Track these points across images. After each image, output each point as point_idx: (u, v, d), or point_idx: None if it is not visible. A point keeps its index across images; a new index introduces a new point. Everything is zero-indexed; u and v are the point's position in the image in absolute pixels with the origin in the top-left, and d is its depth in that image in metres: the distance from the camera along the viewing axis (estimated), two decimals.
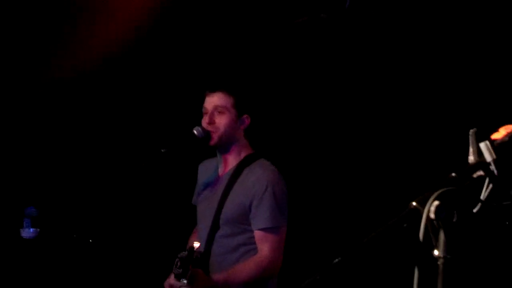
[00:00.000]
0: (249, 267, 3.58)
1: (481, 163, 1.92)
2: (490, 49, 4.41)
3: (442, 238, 1.84)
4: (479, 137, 1.94)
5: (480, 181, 1.92)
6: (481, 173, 1.92)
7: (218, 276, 3.56)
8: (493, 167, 1.91)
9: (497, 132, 1.99)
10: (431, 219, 1.81)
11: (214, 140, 3.68)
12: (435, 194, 1.82)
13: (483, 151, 1.93)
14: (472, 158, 1.94)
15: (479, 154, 1.93)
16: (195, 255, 3.39)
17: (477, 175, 1.92)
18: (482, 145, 1.93)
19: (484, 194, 1.91)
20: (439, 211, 1.81)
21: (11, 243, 5.15)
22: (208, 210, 3.74)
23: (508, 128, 1.99)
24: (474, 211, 1.90)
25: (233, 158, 3.77)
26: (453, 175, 1.89)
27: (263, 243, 3.60)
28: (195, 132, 3.66)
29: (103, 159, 5.36)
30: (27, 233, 5.12)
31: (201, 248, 3.60)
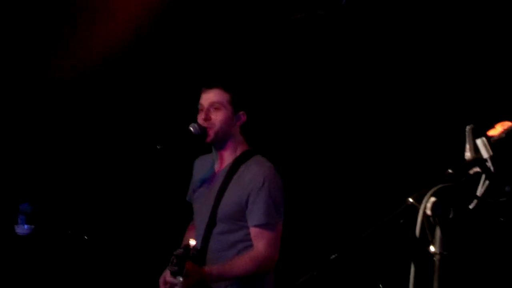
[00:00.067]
0: (244, 262, 3.57)
1: (478, 159, 1.92)
2: (487, 47, 4.42)
3: (438, 234, 1.84)
4: (475, 134, 1.94)
5: (476, 178, 1.91)
6: (478, 170, 1.92)
7: (211, 269, 3.54)
8: (489, 164, 1.91)
9: (493, 128, 1.99)
10: (428, 216, 1.81)
11: (210, 136, 3.67)
12: (432, 190, 1.82)
13: (480, 147, 1.93)
14: (468, 154, 1.94)
15: (476, 150, 1.93)
16: (191, 252, 3.39)
17: (473, 171, 1.92)
18: (478, 142, 1.93)
19: (480, 190, 1.91)
20: (435, 208, 1.81)
21: (6, 240, 5.14)
22: (204, 207, 3.73)
23: (504, 124, 1.99)
24: (470, 207, 1.90)
25: (229, 154, 3.76)
26: (450, 171, 1.89)
27: (259, 239, 3.58)
28: (191, 128, 3.65)
29: (98, 156, 5.35)
30: (22, 229, 5.11)
31: (198, 245, 3.59)
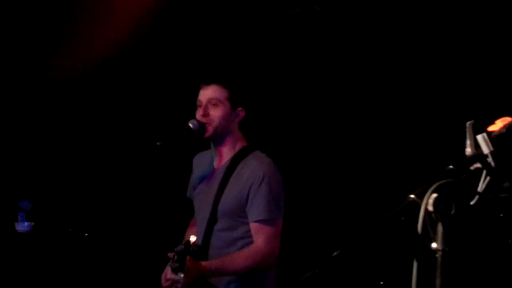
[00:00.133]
0: (243, 257, 3.56)
1: (479, 155, 1.92)
2: (486, 43, 4.42)
3: (440, 230, 1.84)
4: (476, 129, 1.94)
5: (477, 174, 1.91)
6: (479, 166, 1.92)
7: (211, 264, 3.52)
8: (490, 159, 1.91)
9: (493, 124, 1.99)
10: (429, 212, 1.81)
11: (209, 132, 3.67)
12: (433, 186, 1.82)
13: (480, 143, 1.92)
14: (469, 150, 1.94)
15: (476, 146, 1.93)
16: (191, 249, 3.38)
17: (474, 167, 1.92)
18: (479, 137, 1.93)
19: (481, 186, 1.91)
20: (437, 204, 1.81)
21: (6, 237, 5.14)
22: (205, 203, 3.72)
23: (504, 120, 1.99)
24: (471, 203, 1.90)
25: (228, 150, 3.76)
26: (451, 167, 1.89)
27: (259, 234, 3.57)
28: (191, 125, 3.65)
29: (98, 153, 5.35)
30: (22, 226, 5.10)
31: (199, 241, 3.58)
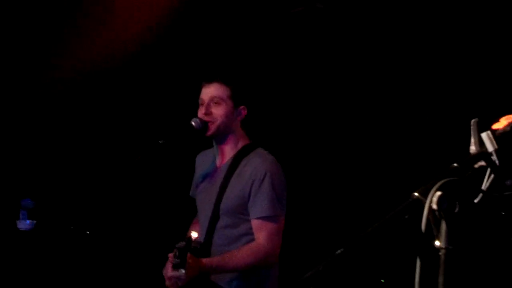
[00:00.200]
0: (244, 254, 3.54)
1: (483, 153, 1.91)
2: (490, 40, 4.41)
3: (444, 228, 1.83)
4: (480, 127, 1.93)
5: (481, 172, 1.91)
6: (483, 163, 1.91)
7: (212, 261, 3.51)
8: (494, 157, 1.90)
9: (498, 122, 1.98)
10: (433, 210, 1.80)
11: (211, 130, 3.67)
12: (437, 184, 1.81)
13: (485, 141, 1.92)
14: (473, 148, 1.93)
15: (481, 144, 1.92)
16: (193, 245, 3.37)
17: (478, 165, 1.91)
18: (483, 135, 1.92)
19: (485, 184, 1.91)
20: (441, 202, 1.80)
21: (8, 235, 5.13)
22: (207, 201, 3.72)
23: (509, 118, 1.98)
24: (475, 201, 1.89)
25: (230, 148, 3.76)
26: (455, 165, 1.89)
27: (260, 231, 3.56)
28: (193, 123, 3.65)
29: (100, 151, 5.34)
30: (24, 225, 5.10)
31: (201, 238, 3.58)
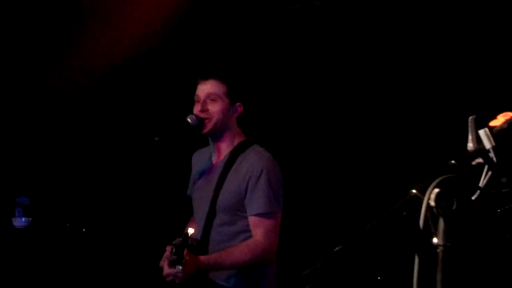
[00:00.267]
0: (241, 251, 3.53)
1: (480, 150, 1.91)
2: (488, 38, 4.41)
3: (441, 226, 1.83)
4: (478, 124, 1.93)
5: (479, 169, 1.91)
6: (480, 161, 1.91)
7: (209, 258, 3.50)
8: (492, 154, 1.90)
9: (495, 119, 1.98)
10: (431, 207, 1.80)
11: (208, 127, 3.66)
12: (435, 181, 1.81)
13: (482, 138, 1.91)
14: (471, 145, 1.93)
15: (478, 141, 1.92)
16: (190, 242, 3.36)
17: (476, 162, 1.91)
18: (481, 132, 1.92)
19: (483, 181, 1.90)
20: (439, 199, 1.80)
21: (3, 233, 5.13)
22: (204, 199, 3.71)
23: (506, 115, 1.98)
24: (472, 198, 1.89)
25: (226, 145, 3.75)
26: (453, 162, 1.88)
27: (257, 228, 3.55)
28: (189, 120, 3.64)
29: (96, 148, 5.34)
30: (19, 222, 5.09)
31: (198, 235, 3.57)
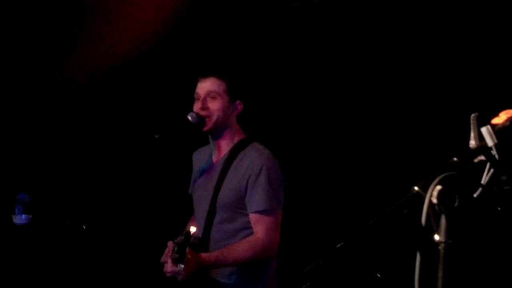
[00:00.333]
0: (242, 248, 3.53)
1: (483, 147, 1.91)
2: (489, 35, 4.42)
3: (443, 223, 1.83)
4: (480, 122, 1.93)
5: (481, 166, 1.91)
6: (483, 158, 1.91)
7: (210, 255, 3.50)
8: (494, 152, 1.90)
9: (497, 116, 1.98)
10: (433, 204, 1.80)
11: (208, 125, 3.66)
12: (438, 179, 1.81)
13: (485, 135, 1.91)
14: (473, 142, 1.93)
15: (481, 138, 1.92)
16: (191, 240, 3.37)
17: (478, 159, 1.91)
18: (483, 130, 1.92)
19: (485, 179, 1.90)
20: (441, 196, 1.80)
21: (3, 230, 5.13)
22: (204, 196, 3.71)
23: (508, 112, 1.98)
24: (474, 196, 1.89)
25: (227, 143, 3.75)
26: (455, 159, 1.88)
27: (258, 225, 3.55)
28: (189, 118, 3.64)
29: (96, 146, 5.34)
30: (19, 219, 5.09)
31: (199, 233, 3.57)
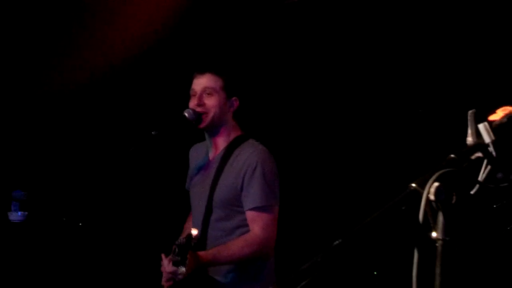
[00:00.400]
0: (239, 245, 3.52)
1: (480, 144, 1.91)
2: (487, 31, 4.42)
3: (441, 220, 1.83)
4: (477, 119, 1.93)
5: (478, 163, 1.91)
6: (480, 155, 1.91)
7: (207, 253, 3.49)
8: (491, 149, 1.90)
9: (494, 113, 1.98)
10: (431, 201, 1.80)
11: (205, 122, 3.65)
12: (435, 175, 1.81)
13: (482, 132, 1.91)
14: (470, 139, 1.93)
15: (478, 135, 1.92)
16: (193, 242, 3.35)
17: (475, 156, 1.91)
18: (480, 127, 1.92)
19: (482, 175, 1.90)
20: (439, 193, 1.80)
21: None
22: (200, 194, 3.70)
23: (505, 109, 1.98)
24: (472, 192, 1.89)
25: (223, 140, 3.75)
26: (452, 156, 1.88)
27: (255, 222, 3.54)
28: (186, 114, 3.63)
29: (92, 143, 5.33)
30: (15, 216, 5.09)
31: (198, 234, 3.56)
